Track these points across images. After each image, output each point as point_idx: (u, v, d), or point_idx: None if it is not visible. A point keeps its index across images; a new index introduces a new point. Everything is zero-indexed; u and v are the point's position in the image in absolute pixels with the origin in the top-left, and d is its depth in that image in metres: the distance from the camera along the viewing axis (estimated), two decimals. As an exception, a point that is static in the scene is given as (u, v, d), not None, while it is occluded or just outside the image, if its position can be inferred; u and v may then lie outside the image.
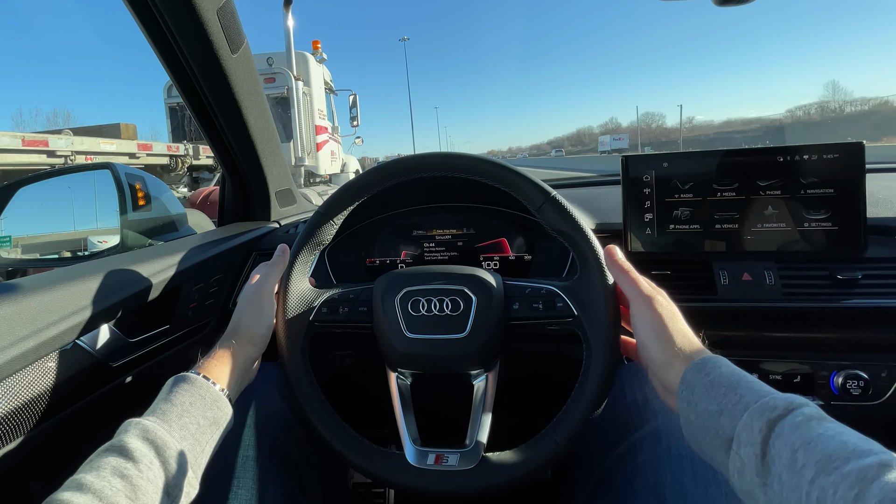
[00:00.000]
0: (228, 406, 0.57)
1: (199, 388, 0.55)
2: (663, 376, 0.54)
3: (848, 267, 0.84)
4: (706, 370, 0.48)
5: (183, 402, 0.52)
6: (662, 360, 0.53)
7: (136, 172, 1.30)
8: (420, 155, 0.72)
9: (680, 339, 0.54)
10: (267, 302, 0.67)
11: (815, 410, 0.40)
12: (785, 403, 0.41)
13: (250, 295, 0.67)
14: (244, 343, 0.64)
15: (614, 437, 0.67)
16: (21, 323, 0.59)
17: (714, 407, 0.45)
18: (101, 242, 1.31)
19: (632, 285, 0.59)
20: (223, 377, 0.59)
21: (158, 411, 0.51)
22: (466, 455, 0.62)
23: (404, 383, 0.71)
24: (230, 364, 0.60)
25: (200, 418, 0.52)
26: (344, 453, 0.64)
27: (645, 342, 0.56)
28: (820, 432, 0.37)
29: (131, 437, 0.46)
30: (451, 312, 0.67)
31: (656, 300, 0.57)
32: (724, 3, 0.65)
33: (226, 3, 0.90)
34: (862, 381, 0.83)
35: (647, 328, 0.56)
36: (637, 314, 0.57)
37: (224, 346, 0.62)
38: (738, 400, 0.44)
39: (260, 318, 0.66)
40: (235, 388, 0.61)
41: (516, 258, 1.03)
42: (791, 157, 0.85)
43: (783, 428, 0.39)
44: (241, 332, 0.64)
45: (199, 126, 1.10)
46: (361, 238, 1.07)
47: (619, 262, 0.61)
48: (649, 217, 0.93)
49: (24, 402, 0.59)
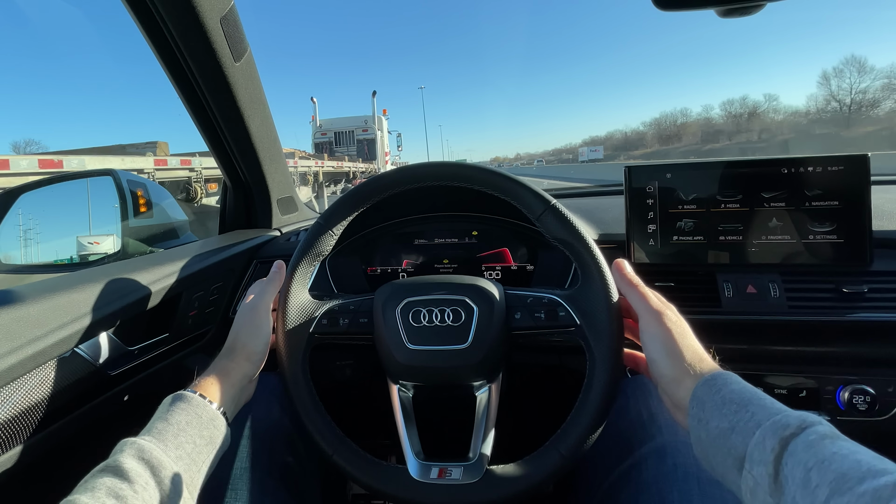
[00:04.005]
0: (225, 425, 0.56)
1: (195, 406, 0.54)
2: (673, 392, 0.53)
3: (854, 280, 0.83)
4: (717, 387, 0.48)
5: (179, 421, 0.51)
6: (672, 376, 0.53)
7: (138, 179, 1.30)
8: (420, 165, 0.71)
9: (690, 354, 0.53)
10: (263, 319, 0.66)
11: (828, 429, 0.39)
12: (798, 421, 0.40)
13: (246, 312, 0.67)
14: (241, 360, 0.63)
15: (619, 452, 0.66)
16: (20, 331, 0.58)
17: (725, 424, 0.45)
18: (92, 244, 1.30)
19: (641, 300, 0.58)
20: (220, 395, 0.57)
21: (154, 430, 0.50)
22: (470, 468, 0.61)
23: (406, 395, 0.70)
24: (227, 382, 0.59)
25: (197, 437, 0.51)
26: (346, 468, 0.63)
27: (654, 357, 0.55)
28: (834, 451, 0.36)
29: (127, 456, 0.45)
30: (453, 323, 0.66)
31: (666, 315, 0.56)
32: (727, 15, 0.65)
33: (229, 11, 0.91)
34: (868, 397, 0.82)
35: (656, 344, 0.55)
36: (646, 329, 0.56)
37: (221, 363, 0.62)
38: (749, 417, 0.43)
39: (257, 335, 0.65)
40: (232, 406, 0.60)
41: (518, 268, 1.02)
42: (795, 168, 0.85)
43: (796, 446, 0.38)
44: (238, 349, 0.64)
45: (202, 133, 1.10)
46: (363, 247, 1.07)
47: (629, 276, 0.61)
48: (652, 228, 0.92)
49: (22, 411, 0.58)
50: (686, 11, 0.70)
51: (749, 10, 0.63)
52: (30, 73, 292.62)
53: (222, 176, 1.23)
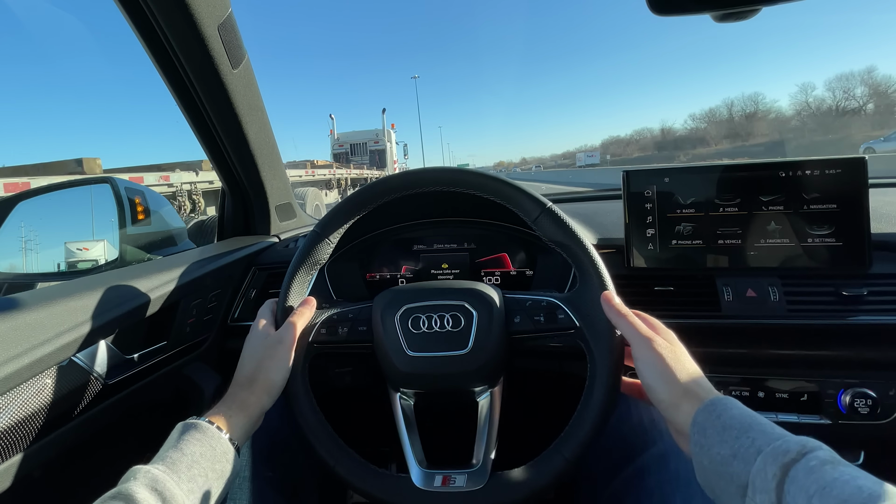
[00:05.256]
0: (237, 458, 0.55)
1: (210, 438, 0.52)
2: (672, 417, 0.53)
3: (853, 283, 0.83)
4: (717, 412, 0.48)
5: (193, 453, 0.50)
6: (669, 401, 0.52)
7: (136, 187, 1.30)
8: (417, 170, 0.71)
9: (685, 378, 0.53)
10: (289, 354, 0.64)
11: (828, 454, 0.40)
12: (798, 447, 0.40)
13: (274, 345, 0.64)
14: (261, 394, 0.61)
15: (620, 459, 0.66)
16: (17, 339, 0.58)
17: (727, 451, 0.44)
18: (81, 250, 1.29)
19: (629, 328, 0.58)
20: (234, 428, 0.56)
21: (168, 460, 0.49)
22: (474, 475, 0.61)
23: (407, 403, 0.70)
24: (244, 415, 0.58)
25: (209, 471, 0.50)
26: (348, 479, 0.62)
27: (650, 383, 0.54)
28: (835, 477, 0.37)
29: (139, 486, 0.44)
30: (453, 328, 0.66)
31: (655, 341, 0.56)
32: (723, 20, 0.65)
33: (227, 18, 0.91)
34: (870, 400, 0.82)
35: (650, 369, 0.54)
36: (639, 356, 0.56)
37: (241, 395, 0.60)
38: (750, 443, 0.43)
39: (282, 370, 0.63)
40: (244, 438, 0.58)
41: (517, 273, 1.02)
42: (793, 172, 0.85)
43: (797, 472, 0.39)
44: (260, 381, 0.61)
45: (199, 139, 1.10)
46: (362, 253, 1.06)
47: (617, 307, 0.60)
48: (651, 232, 0.92)
49: (19, 420, 0.58)
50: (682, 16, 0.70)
51: (745, 15, 0.64)
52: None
53: (220, 185, 1.23)
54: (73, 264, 1.31)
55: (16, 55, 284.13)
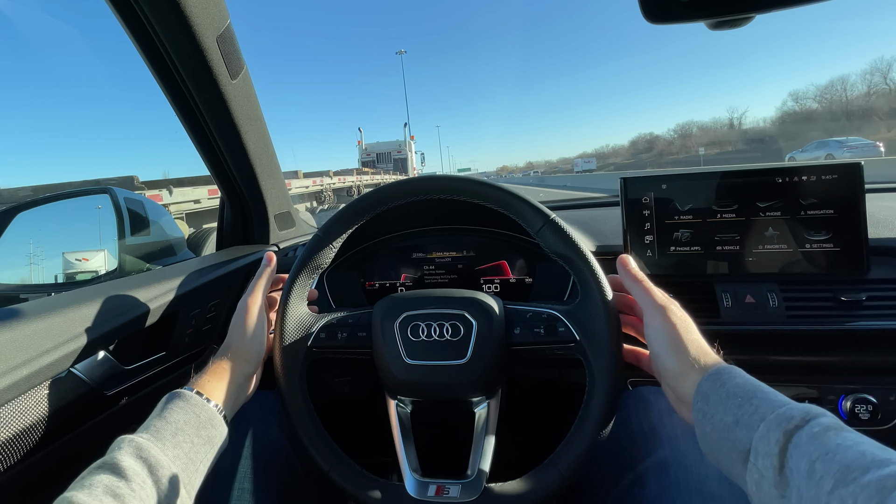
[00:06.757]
0: (223, 424, 0.56)
1: (193, 405, 0.53)
2: (677, 387, 0.53)
3: (851, 288, 0.83)
4: (721, 380, 0.48)
5: (177, 420, 0.51)
6: (676, 371, 0.53)
7: (136, 197, 1.30)
8: (418, 178, 0.71)
9: (695, 349, 0.53)
10: (255, 316, 0.66)
11: (832, 420, 0.40)
12: (802, 413, 0.41)
13: (238, 312, 0.67)
14: (237, 360, 0.63)
15: (620, 467, 0.66)
16: (15, 351, 0.58)
17: (730, 418, 0.45)
18: (80, 260, 1.29)
19: (645, 295, 0.59)
20: (218, 394, 0.57)
21: (152, 428, 0.50)
22: (468, 486, 0.60)
23: (404, 411, 0.70)
24: (225, 380, 0.59)
25: (195, 437, 0.51)
26: (342, 485, 0.62)
27: (658, 352, 0.55)
28: (838, 442, 0.37)
29: (125, 454, 0.45)
30: (452, 338, 0.66)
31: (670, 310, 0.57)
32: (717, 28, 0.65)
33: (225, 29, 0.91)
34: (870, 406, 0.81)
35: (660, 338, 0.55)
36: (651, 324, 0.57)
37: (218, 361, 0.62)
38: (754, 410, 0.44)
39: (249, 333, 0.65)
40: (231, 405, 0.60)
41: (517, 281, 1.02)
42: (790, 177, 0.85)
43: (801, 438, 0.39)
44: (233, 348, 0.64)
45: (198, 149, 1.10)
46: (361, 261, 1.06)
47: (633, 272, 0.61)
48: (649, 239, 0.92)
49: (17, 432, 0.58)
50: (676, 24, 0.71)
51: (739, 22, 0.64)
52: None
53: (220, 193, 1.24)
54: (72, 275, 1.31)
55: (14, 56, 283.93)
